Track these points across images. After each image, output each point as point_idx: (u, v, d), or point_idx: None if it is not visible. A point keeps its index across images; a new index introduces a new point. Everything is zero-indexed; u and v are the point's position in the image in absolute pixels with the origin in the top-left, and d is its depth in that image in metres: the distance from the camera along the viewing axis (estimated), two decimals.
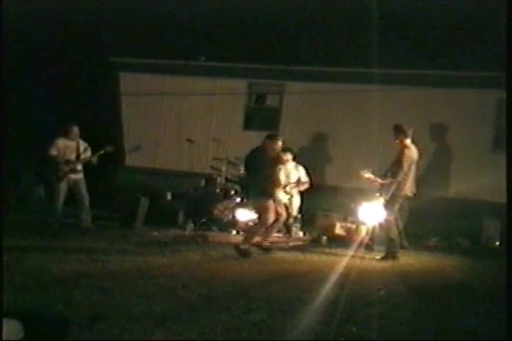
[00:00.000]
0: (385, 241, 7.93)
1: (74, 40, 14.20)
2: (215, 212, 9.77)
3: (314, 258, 7.74)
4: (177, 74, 12.43)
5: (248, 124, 12.05)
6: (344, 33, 12.52)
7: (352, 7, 12.44)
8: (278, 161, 8.21)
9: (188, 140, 10.83)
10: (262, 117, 12.23)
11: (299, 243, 9.00)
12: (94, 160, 9.20)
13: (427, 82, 10.82)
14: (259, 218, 7.91)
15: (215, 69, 12.22)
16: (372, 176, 7.89)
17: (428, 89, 10.79)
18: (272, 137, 8.01)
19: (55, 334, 3.94)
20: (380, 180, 7.83)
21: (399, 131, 7.93)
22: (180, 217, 10.03)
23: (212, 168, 10.62)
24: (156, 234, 8.98)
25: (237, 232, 9.57)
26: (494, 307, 5.25)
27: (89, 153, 9.23)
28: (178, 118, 12.44)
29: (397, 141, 7.94)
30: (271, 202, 7.61)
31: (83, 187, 9.18)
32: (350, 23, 12.71)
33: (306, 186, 9.52)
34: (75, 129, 9.17)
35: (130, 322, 4.26)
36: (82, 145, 9.24)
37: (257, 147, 8.03)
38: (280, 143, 7.92)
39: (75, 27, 14.39)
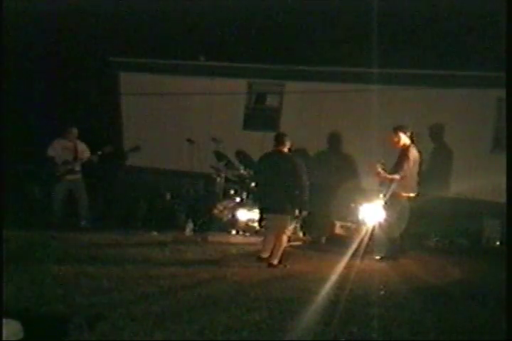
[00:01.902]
0: (386, 241, 7.93)
1: (74, 40, 14.21)
2: (215, 212, 9.76)
3: (314, 258, 7.73)
4: (177, 74, 12.41)
5: (248, 124, 12.02)
6: (344, 32, 12.52)
7: (352, 7, 12.44)
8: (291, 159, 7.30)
9: (188, 140, 10.80)
10: (262, 117, 12.18)
11: (299, 243, 8.98)
12: (95, 159, 9.19)
13: (427, 82, 10.80)
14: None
15: (215, 69, 12.20)
16: (382, 171, 7.81)
17: (428, 89, 10.78)
18: (284, 137, 7.39)
19: (55, 334, 3.94)
20: (388, 175, 7.78)
21: (399, 132, 7.95)
22: (180, 217, 10.03)
23: (212, 167, 10.62)
24: (155, 234, 8.98)
25: (237, 232, 9.57)
26: (494, 307, 5.25)
27: (87, 154, 9.22)
28: (178, 119, 12.41)
29: (399, 142, 7.95)
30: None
31: (82, 188, 9.18)
32: (350, 22, 12.71)
33: None
34: (74, 130, 9.17)
35: (130, 322, 4.26)
36: (81, 146, 9.24)
37: (268, 153, 7.48)
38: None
39: (74, 27, 14.40)
